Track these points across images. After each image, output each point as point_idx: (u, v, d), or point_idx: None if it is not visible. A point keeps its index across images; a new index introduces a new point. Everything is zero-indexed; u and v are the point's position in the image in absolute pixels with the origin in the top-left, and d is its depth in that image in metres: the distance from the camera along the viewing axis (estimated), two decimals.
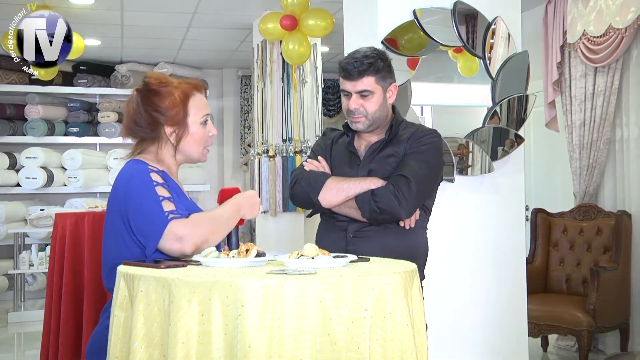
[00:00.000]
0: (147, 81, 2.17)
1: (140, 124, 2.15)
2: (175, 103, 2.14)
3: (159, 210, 2.00)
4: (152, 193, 2.03)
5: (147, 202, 2.01)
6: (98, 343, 2.04)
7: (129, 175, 2.09)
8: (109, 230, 2.12)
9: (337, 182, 2.46)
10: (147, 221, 2.00)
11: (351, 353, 1.59)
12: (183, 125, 2.16)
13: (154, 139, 2.17)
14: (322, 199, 2.46)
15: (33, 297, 7.20)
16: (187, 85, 2.19)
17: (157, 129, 2.15)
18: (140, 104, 2.15)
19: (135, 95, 2.18)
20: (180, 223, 1.99)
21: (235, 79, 8.64)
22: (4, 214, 7.13)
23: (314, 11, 5.29)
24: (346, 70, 2.49)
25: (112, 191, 2.13)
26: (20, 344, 5.98)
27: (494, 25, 3.66)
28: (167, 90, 2.14)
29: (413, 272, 1.85)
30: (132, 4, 5.71)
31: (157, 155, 2.17)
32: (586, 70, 4.82)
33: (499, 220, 3.74)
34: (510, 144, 3.71)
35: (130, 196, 2.04)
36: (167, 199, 2.03)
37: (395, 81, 2.57)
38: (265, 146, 6.05)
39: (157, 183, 2.06)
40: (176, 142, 2.17)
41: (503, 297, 3.73)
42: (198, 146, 2.22)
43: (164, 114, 2.13)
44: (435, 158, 2.51)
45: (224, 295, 1.56)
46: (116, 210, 2.07)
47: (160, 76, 2.19)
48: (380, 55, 2.51)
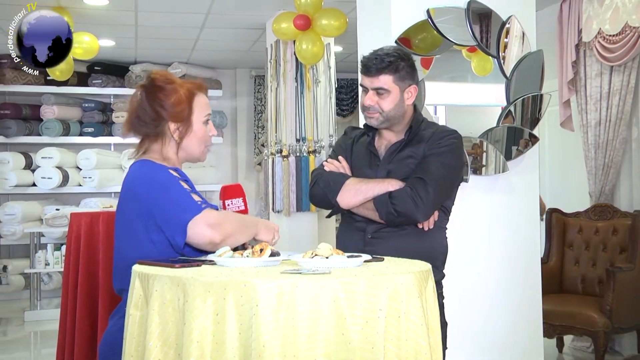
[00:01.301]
0: (152, 77, 2.17)
1: (144, 120, 2.15)
2: (181, 100, 2.15)
3: (191, 201, 2.00)
4: (179, 187, 2.04)
5: (177, 196, 2.01)
6: (110, 343, 2.05)
7: (144, 175, 2.08)
8: (123, 231, 2.12)
9: (355, 183, 2.47)
10: (180, 212, 1.98)
11: (365, 353, 1.59)
12: (187, 122, 2.17)
13: (157, 135, 2.17)
14: (341, 200, 2.47)
15: (49, 296, 7.26)
16: (191, 84, 2.21)
17: (161, 124, 2.15)
18: (145, 100, 2.15)
19: (139, 91, 2.18)
20: (213, 212, 2.00)
21: (249, 78, 8.66)
22: (20, 213, 7.19)
23: (328, 11, 5.29)
24: (365, 66, 2.49)
25: (123, 193, 2.12)
26: (37, 342, 6.04)
27: (508, 24, 3.64)
28: (173, 87, 2.15)
29: (427, 272, 1.84)
30: (146, 4, 5.73)
31: (162, 153, 2.18)
32: (602, 69, 4.79)
33: (513, 220, 3.72)
34: (524, 144, 3.69)
35: (155, 195, 2.03)
36: (194, 192, 2.05)
37: (416, 83, 2.54)
38: (279, 146, 6.05)
39: (179, 178, 2.07)
40: (179, 139, 2.18)
41: (518, 297, 3.71)
42: (200, 145, 2.22)
43: (169, 110, 2.14)
44: (454, 159, 2.50)
45: (239, 295, 1.57)
46: (134, 213, 2.06)
47: (165, 73, 2.20)
48: (403, 56, 2.50)
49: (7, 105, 7.55)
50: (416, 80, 2.55)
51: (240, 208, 2.17)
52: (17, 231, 7.24)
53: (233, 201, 2.15)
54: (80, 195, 7.71)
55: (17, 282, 7.39)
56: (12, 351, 5.62)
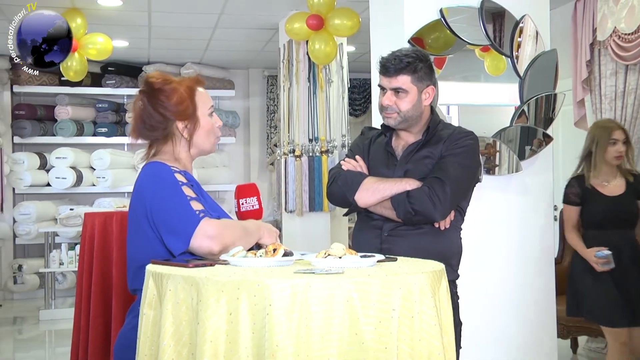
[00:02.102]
0: (150, 81, 2.17)
1: (151, 124, 2.15)
2: (183, 98, 2.15)
3: (189, 210, 2.00)
4: (180, 193, 2.04)
5: (177, 202, 2.02)
6: (125, 343, 2.06)
7: (151, 176, 2.09)
8: (134, 232, 2.13)
9: (373, 182, 2.47)
10: (177, 221, 2.00)
11: (379, 353, 1.59)
12: (194, 118, 2.18)
13: (166, 137, 2.18)
14: (359, 199, 2.48)
15: (63, 295, 7.31)
16: (188, 80, 2.21)
17: (169, 126, 2.16)
18: (148, 104, 2.15)
19: (139, 97, 2.18)
20: (211, 222, 2.00)
21: (262, 78, 8.67)
22: (35, 213, 7.25)
23: (340, 11, 5.29)
24: (384, 66, 2.50)
25: (134, 193, 2.13)
26: (52, 341, 6.08)
27: (522, 24, 3.63)
28: (172, 87, 2.15)
29: (441, 272, 1.84)
30: (159, 5, 5.76)
31: (174, 154, 2.18)
32: (617, 68, 4.75)
33: (527, 220, 3.70)
34: (538, 143, 3.67)
35: (158, 197, 2.04)
36: (194, 199, 2.04)
37: (434, 84, 2.55)
38: (292, 146, 6.06)
39: (183, 183, 2.07)
40: (189, 137, 2.18)
41: (531, 297, 3.70)
42: (209, 137, 2.23)
43: (173, 110, 2.14)
44: (471, 160, 2.51)
45: (252, 295, 1.57)
46: (141, 212, 2.07)
47: (161, 74, 2.20)
48: (421, 57, 2.50)
49: (22, 105, 7.61)
50: (434, 81, 2.56)
51: (255, 207, 2.17)
52: (32, 231, 7.30)
53: (247, 200, 2.15)
54: (94, 195, 7.76)
55: (32, 281, 7.46)
56: (27, 349, 5.67)
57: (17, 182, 7.36)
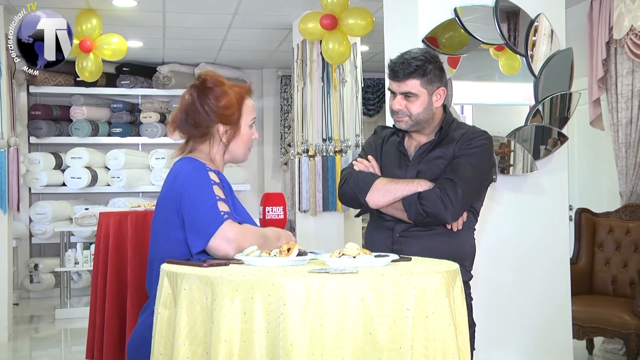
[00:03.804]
0: (204, 78, 2.19)
1: (194, 120, 2.17)
2: (232, 103, 2.18)
3: (215, 210, 2.01)
4: (210, 191, 2.05)
5: (204, 200, 2.03)
6: (139, 342, 2.07)
7: (186, 172, 2.10)
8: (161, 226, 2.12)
9: (384, 183, 2.46)
10: (202, 218, 2.01)
11: (393, 352, 1.59)
12: (236, 126, 2.21)
13: (204, 136, 2.19)
14: (370, 200, 2.47)
15: (78, 294, 7.36)
16: (240, 88, 2.25)
17: (211, 126, 2.18)
18: (197, 100, 2.17)
19: (189, 91, 2.20)
20: (232, 226, 2.01)
21: (275, 78, 8.68)
22: (51, 212, 7.31)
23: (354, 10, 5.28)
24: (393, 70, 2.48)
25: (166, 188, 2.13)
26: (67, 339, 6.12)
27: (537, 22, 3.60)
28: (223, 89, 2.18)
29: (455, 272, 1.83)
30: (173, 5, 5.78)
31: (209, 154, 2.20)
32: (633, 67, 4.71)
33: (542, 220, 3.68)
34: (553, 143, 3.65)
35: (188, 193, 2.05)
36: (222, 200, 2.06)
37: (444, 85, 2.53)
38: (305, 146, 6.06)
39: (215, 182, 2.09)
40: (227, 142, 2.20)
41: (547, 298, 3.67)
42: (245, 147, 2.26)
43: (220, 113, 2.16)
44: (484, 161, 2.48)
45: (266, 294, 1.57)
46: (173, 205, 2.08)
47: (216, 75, 2.23)
48: (431, 58, 2.48)
49: (38, 106, 7.67)
50: (444, 82, 2.53)
51: (279, 217, 2.20)
52: (47, 230, 7.36)
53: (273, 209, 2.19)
54: (108, 195, 7.80)
55: (48, 280, 7.51)
56: (44, 348, 5.71)
57: (33, 182, 7.42)
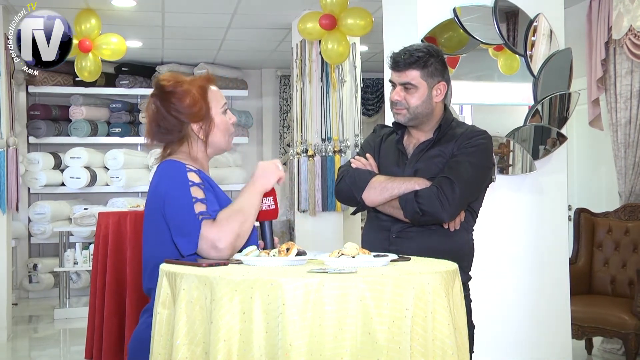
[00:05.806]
0: (161, 84, 2.15)
1: (166, 128, 2.15)
2: (196, 99, 2.14)
3: (191, 213, 2.00)
4: (187, 194, 2.03)
5: (183, 204, 2.02)
6: (139, 342, 2.07)
7: (165, 175, 2.10)
8: (151, 232, 2.13)
9: (381, 181, 2.44)
10: (182, 222, 2.01)
11: (392, 352, 1.59)
12: (208, 119, 2.17)
13: (182, 139, 2.17)
14: (366, 198, 2.45)
15: (78, 294, 7.36)
16: (199, 79, 2.20)
17: (184, 128, 2.16)
18: (162, 108, 2.14)
19: (152, 100, 2.17)
20: (209, 226, 1.99)
21: (275, 78, 8.68)
22: (50, 212, 7.31)
23: (353, 10, 5.28)
24: (394, 61, 2.46)
25: (150, 193, 2.13)
26: (66, 339, 6.12)
27: (536, 23, 3.60)
28: (184, 89, 2.14)
29: (454, 272, 1.83)
30: (172, 5, 5.78)
31: (190, 154, 2.18)
32: (632, 67, 4.72)
33: (541, 220, 3.68)
34: (552, 143, 3.65)
35: (169, 196, 2.05)
36: (200, 201, 2.04)
37: (446, 81, 2.50)
38: (304, 146, 6.06)
39: (193, 183, 2.06)
40: (205, 137, 2.18)
41: (545, 298, 3.67)
42: (224, 136, 2.22)
43: (187, 112, 2.14)
44: (483, 160, 2.45)
45: (265, 294, 1.57)
46: (158, 211, 2.08)
47: (172, 76, 2.19)
48: (433, 52, 2.46)
49: (37, 106, 7.67)
50: (446, 78, 2.50)
51: (271, 207, 2.16)
52: (46, 230, 7.36)
53: (264, 200, 2.15)
54: (107, 195, 7.80)
55: (47, 280, 7.51)
56: (43, 348, 5.71)
57: (32, 181, 7.42)
